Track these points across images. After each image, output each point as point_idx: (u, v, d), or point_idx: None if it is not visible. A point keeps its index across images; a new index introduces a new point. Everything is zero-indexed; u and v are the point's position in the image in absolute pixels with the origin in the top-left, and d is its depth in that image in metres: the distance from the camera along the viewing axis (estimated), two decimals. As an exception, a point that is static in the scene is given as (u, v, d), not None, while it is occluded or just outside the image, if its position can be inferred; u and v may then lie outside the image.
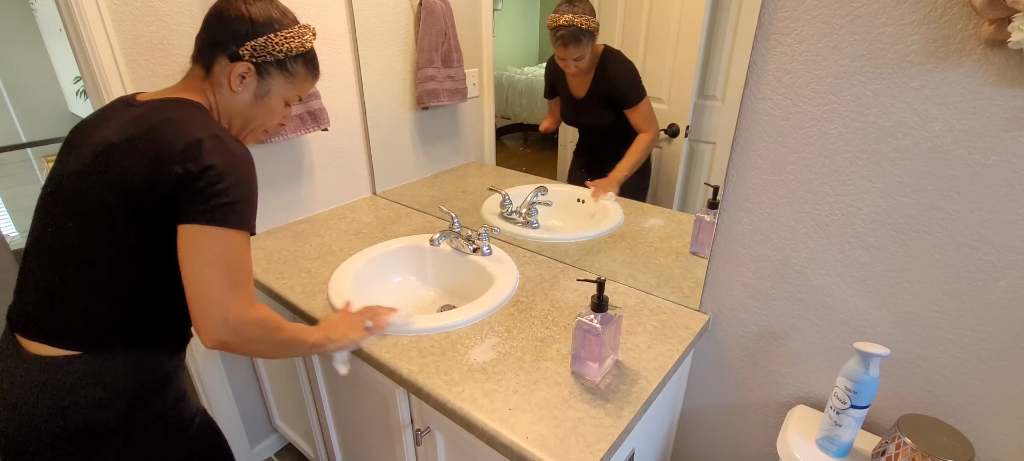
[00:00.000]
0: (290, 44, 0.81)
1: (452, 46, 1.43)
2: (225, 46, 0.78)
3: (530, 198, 1.34)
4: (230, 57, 0.79)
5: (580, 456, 0.73)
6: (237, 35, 0.78)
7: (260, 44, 0.79)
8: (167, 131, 0.71)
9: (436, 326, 1.01)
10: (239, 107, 0.83)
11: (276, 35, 0.80)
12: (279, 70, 0.83)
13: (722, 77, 0.93)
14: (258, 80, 0.82)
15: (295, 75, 0.85)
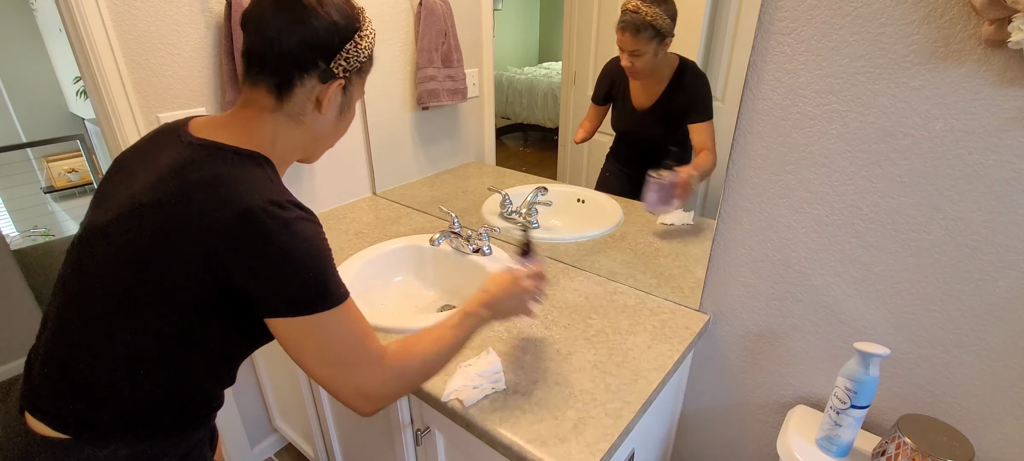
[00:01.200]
0: (371, 42, 0.68)
1: (452, 46, 1.43)
2: (313, 63, 0.62)
3: (530, 198, 1.34)
4: (321, 77, 0.63)
5: (580, 456, 0.73)
6: (328, 48, 0.62)
7: (351, 52, 0.64)
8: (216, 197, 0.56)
9: (436, 326, 1.00)
10: (322, 130, 0.69)
11: (362, 38, 0.65)
12: (358, 76, 0.68)
13: (722, 77, 0.93)
14: (343, 94, 0.68)
15: (367, 73, 0.71)
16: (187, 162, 0.59)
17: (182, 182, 0.58)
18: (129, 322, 0.59)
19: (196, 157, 0.60)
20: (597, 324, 1.03)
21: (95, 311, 0.59)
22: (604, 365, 0.91)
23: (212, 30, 1.20)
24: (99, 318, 0.59)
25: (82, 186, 5.13)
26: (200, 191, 0.56)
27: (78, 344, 0.61)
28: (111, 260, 0.59)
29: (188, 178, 0.58)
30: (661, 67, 1.07)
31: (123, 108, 1.11)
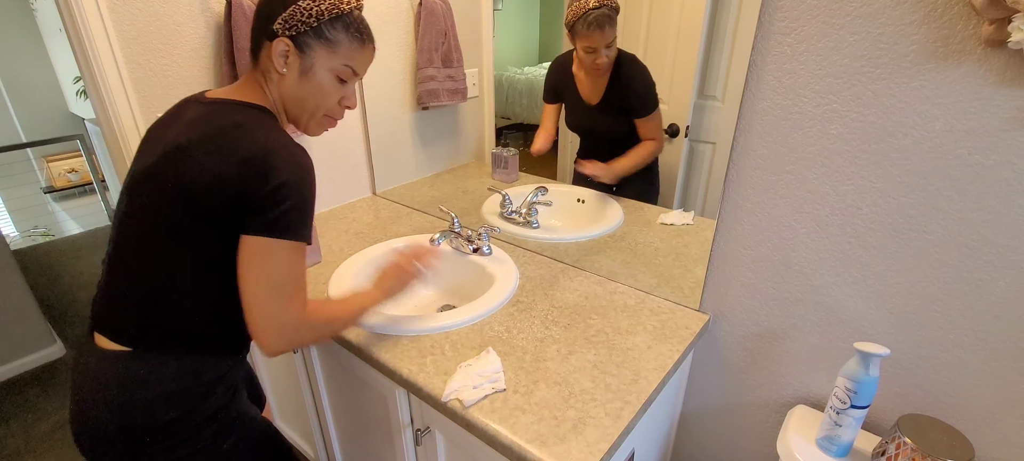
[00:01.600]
0: (320, 6, 0.75)
1: (452, 46, 1.43)
2: (264, 29, 0.76)
3: (530, 198, 1.34)
4: (268, 38, 0.76)
5: (580, 456, 0.73)
6: (270, 12, 0.75)
7: (289, 14, 0.74)
8: (235, 135, 0.70)
9: (436, 326, 1.01)
10: (289, 90, 0.78)
11: (303, 1, 0.74)
12: (317, 39, 0.76)
13: (722, 77, 0.93)
14: (300, 56, 0.76)
15: (336, 43, 0.77)
16: (213, 112, 0.73)
17: (212, 126, 0.71)
18: (173, 245, 0.71)
19: (219, 109, 0.74)
20: (597, 324, 1.03)
21: (145, 241, 0.72)
22: (604, 365, 0.91)
23: (212, 30, 1.20)
24: (149, 246, 0.72)
25: (82, 186, 5.13)
26: (230, 132, 0.70)
27: (133, 270, 0.74)
28: (157, 194, 0.71)
29: (216, 123, 0.71)
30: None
31: (123, 108, 1.11)
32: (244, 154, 0.68)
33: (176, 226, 0.70)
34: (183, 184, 0.69)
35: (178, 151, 0.70)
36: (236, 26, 1.15)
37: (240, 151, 0.68)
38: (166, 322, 0.75)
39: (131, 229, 0.74)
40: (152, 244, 0.72)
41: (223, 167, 0.68)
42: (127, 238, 0.74)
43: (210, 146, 0.69)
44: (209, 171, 0.68)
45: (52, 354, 2.37)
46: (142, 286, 0.73)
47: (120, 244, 0.75)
